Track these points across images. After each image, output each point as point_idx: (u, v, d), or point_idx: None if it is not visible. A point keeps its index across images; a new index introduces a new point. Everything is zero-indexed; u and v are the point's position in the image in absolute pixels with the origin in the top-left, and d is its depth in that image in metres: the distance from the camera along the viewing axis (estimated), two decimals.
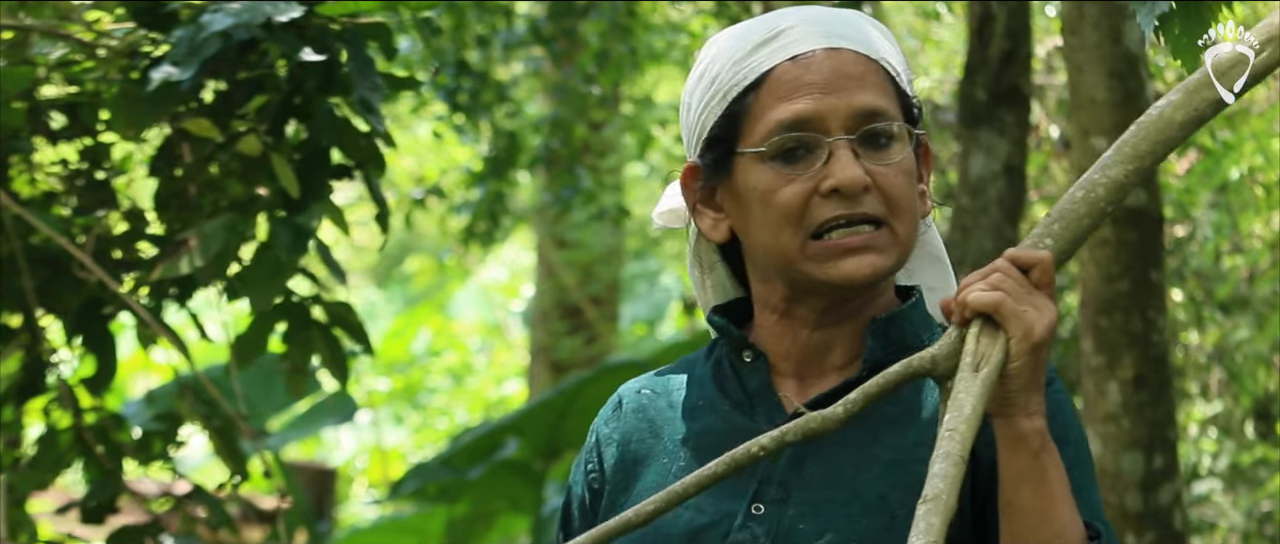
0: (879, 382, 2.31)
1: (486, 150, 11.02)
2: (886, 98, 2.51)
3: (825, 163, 2.47)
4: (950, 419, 2.25)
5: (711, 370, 2.60)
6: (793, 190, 2.48)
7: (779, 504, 2.48)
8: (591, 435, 2.65)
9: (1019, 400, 2.34)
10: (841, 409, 2.29)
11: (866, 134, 2.48)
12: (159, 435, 4.68)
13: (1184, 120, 2.39)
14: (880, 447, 2.48)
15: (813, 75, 2.49)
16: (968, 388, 2.28)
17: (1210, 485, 9.92)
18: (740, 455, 2.27)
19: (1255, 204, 9.26)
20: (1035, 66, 9.14)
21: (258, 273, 4.34)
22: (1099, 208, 2.38)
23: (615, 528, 2.28)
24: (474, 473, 10.52)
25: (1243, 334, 9.75)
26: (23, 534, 4.59)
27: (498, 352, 20.93)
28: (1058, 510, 2.34)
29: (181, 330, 4.80)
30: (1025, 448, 2.35)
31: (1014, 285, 2.34)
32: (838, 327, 2.54)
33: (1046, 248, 2.37)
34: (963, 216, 7.50)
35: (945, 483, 2.19)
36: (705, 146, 2.55)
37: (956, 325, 2.35)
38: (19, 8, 4.45)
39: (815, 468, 2.48)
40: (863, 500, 2.45)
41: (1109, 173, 2.38)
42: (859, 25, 2.55)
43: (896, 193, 2.49)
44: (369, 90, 4.17)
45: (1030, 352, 2.32)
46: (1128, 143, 2.38)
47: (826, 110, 2.48)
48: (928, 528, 2.16)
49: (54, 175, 4.55)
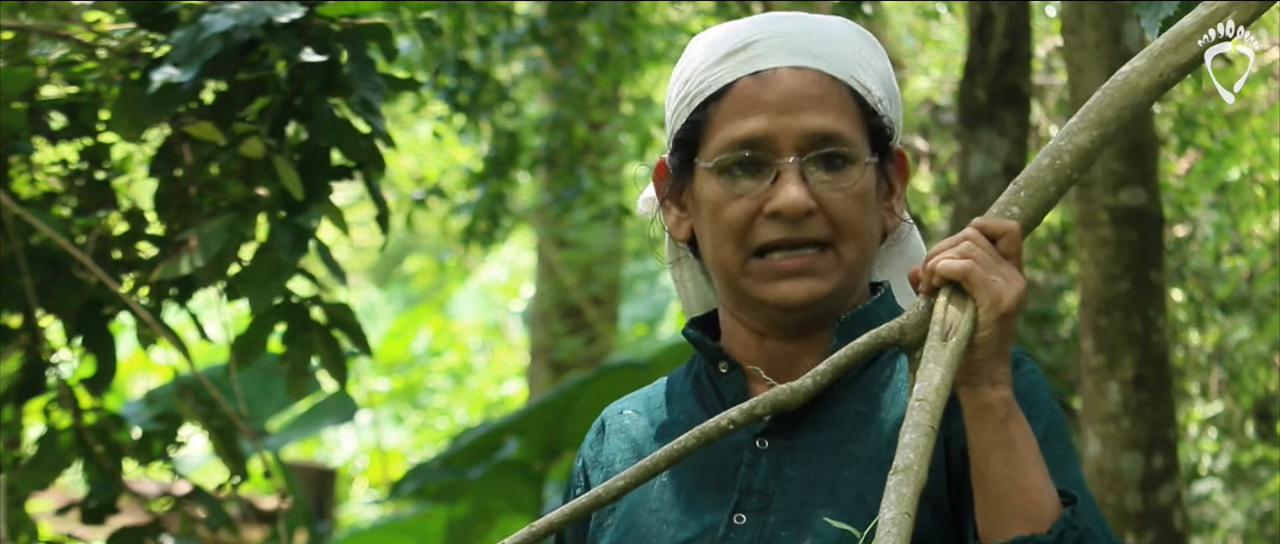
0: (847, 353, 2.30)
1: (487, 150, 11.03)
2: (846, 120, 2.50)
3: (772, 183, 2.48)
4: (919, 388, 2.24)
5: (691, 385, 2.61)
6: (738, 208, 2.50)
7: (760, 513, 2.48)
8: (578, 460, 2.67)
9: (985, 370, 2.33)
10: (810, 381, 2.29)
11: (817, 157, 2.49)
12: (159, 436, 4.68)
13: (1149, 86, 2.38)
14: (856, 445, 2.48)
15: (770, 94, 2.50)
16: (936, 357, 2.28)
17: (1210, 485, 9.92)
18: (710, 429, 2.26)
19: (1255, 204, 9.26)
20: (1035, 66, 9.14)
21: (257, 273, 4.34)
22: (1065, 175, 2.37)
23: (586, 503, 2.25)
24: (474, 473, 10.52)
25: (1243, 334, 9.75)
26: (23, 534, 4.59)
27: (498, 352, 20.93)
28: (1028, 478, 2.34)
29: (181, 330, 4.80)
30: (991, 416, 2.34)
31: (982, 254, 2.33)
32: (804, 337, 2.55)
33: (1013, 217, 2.36)
34: (963, 216, 7.50)
35: (915, 454, 2.18)
36: (673, 147, 2.58)
37: (924, 294, 2.35)
38: (19, 8, 4.45)
39: (794, 472, 2.49)
40: (841, 503, 2.45)
41: (1075, 140, 2.37)
42: (839, 41, 2.55)
43: (845, 216, 2.49)
44: (369, 91, 4.17)
45: (998, 321, 2.32)
46: (1093, 109, 2.38)
47: (778, 131, 2.49)
48: (899, 498, 2.15)
49: (54, 175, 4.55)
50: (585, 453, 2.66)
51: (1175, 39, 2.37)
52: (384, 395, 19.96)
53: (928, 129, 10.91)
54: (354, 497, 19.35)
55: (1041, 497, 2.34)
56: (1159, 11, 2.47)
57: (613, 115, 11.69)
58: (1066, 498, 2.36)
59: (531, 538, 2.23)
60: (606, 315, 14.58)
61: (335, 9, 4.20)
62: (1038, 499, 2.33)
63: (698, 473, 2.51)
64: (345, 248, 17.02)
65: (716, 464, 2.51)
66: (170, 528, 4.71)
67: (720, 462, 2.51)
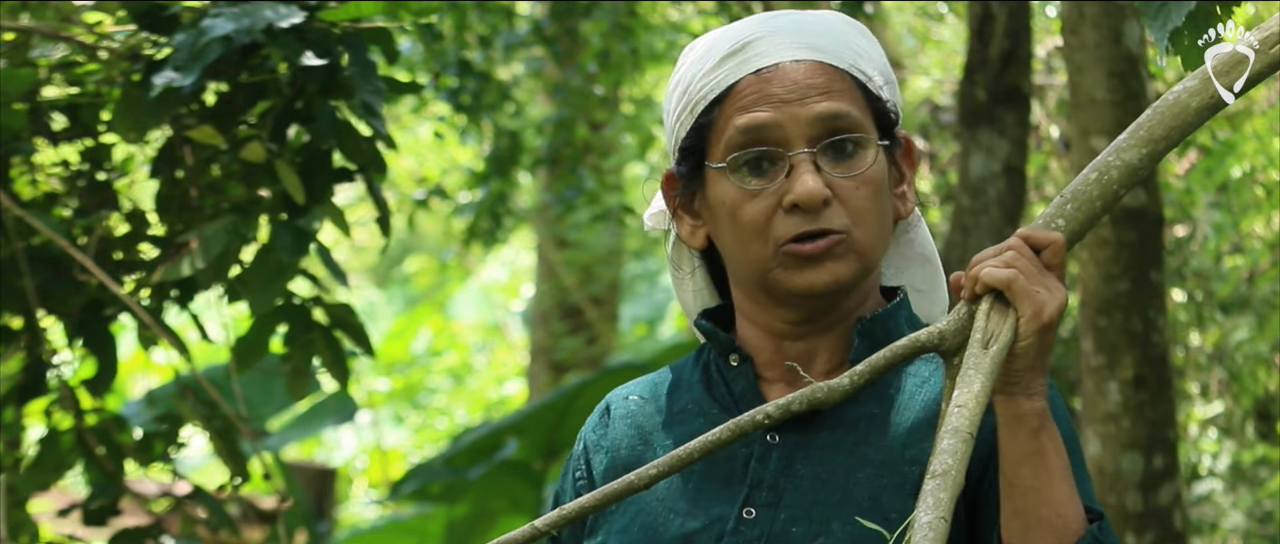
0: (886, 355, 2.31)
1: (488, 150, 11.03)
2: (852, 105, 2.51)
3: (787, 176, 2.49)
4: (959, 395, 2.25)
5: (700, 375, 2.61)
6: (756, 206, 2.50)
7: (770, 508, 2.48)
8: (579, 443, 2.65)
9: (1024, 380, 2.34)
10: (847, 381, 2.29)
11: (829, 145, 2.49)
12: (160, 437, 4.69)
13: (1199, 107, 2.39)
14: (870, 448, 2.48)
15: (775, 87, 2.50)
16: (977, 364, 2.28)
17: (1210, 485, 9.92)
18: (744, 422, 2.27)
19: (1256, 204, 9.26)
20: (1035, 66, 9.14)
21: (258, 275, 4.34)
22: (1112, 190, 2.37)
23: (618, 489, 2.27)
24: (474, 473, 10.53)
25: (1243, 334, 9.75)
26: (24, 536, 4.59)
27: (498, 352, 20.93)
28: (1056, 490, 2.35)
29: (182, 331, 4.80)
30: (1025, 427, 2.35)
31: (1027, 264, 2.34)
32: (820, 335, 2.55)
33: (1058, 229, 2.37)
34: (963, 216, 7.50)
35: (954, 459, 2.19)
36: (680, 156, 2.57)
37: (966, 301, 2.36)
38: (21, 9, 4.45)
39: (805, 470, 2.49)
40: (855, 502, 2.45)
41: (1124, 156, 2.37)
42: (833, 32, 2.56)
43: (860, 202, 2.49)
44: (371, 94, 4.17)
45: (1039, 331, 2.32)
46: (1143, 126, 2.38)
47: (786, 120, 2.49)
48: (936, 502, 2.15)
49: (55, 177, 4.55)
50: (587, 436, 2.64)
51: (1227, 62, 2.38)
52: (384, 395, 19.96)
53: (928, 129, 10.91)
54: (354, 497, 19.35)
55: (1068, 510, 2.35)
56: (1167, 22, 2.46)
57: (614, 115, 11.69)
58: (1092, 514, 2.37)
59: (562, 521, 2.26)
60: (606, 315, 14.58)
61: (336, 13, 4.20)
62: (1065, 512, 2.35)
63: (705, 463, 2.49)
64: (345, 248, 17.02)
65: (725, 454, 2.50)
66: (171, 529, 4.71)
67: (729, 453, 2.50)
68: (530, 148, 11.17)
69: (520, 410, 11.59)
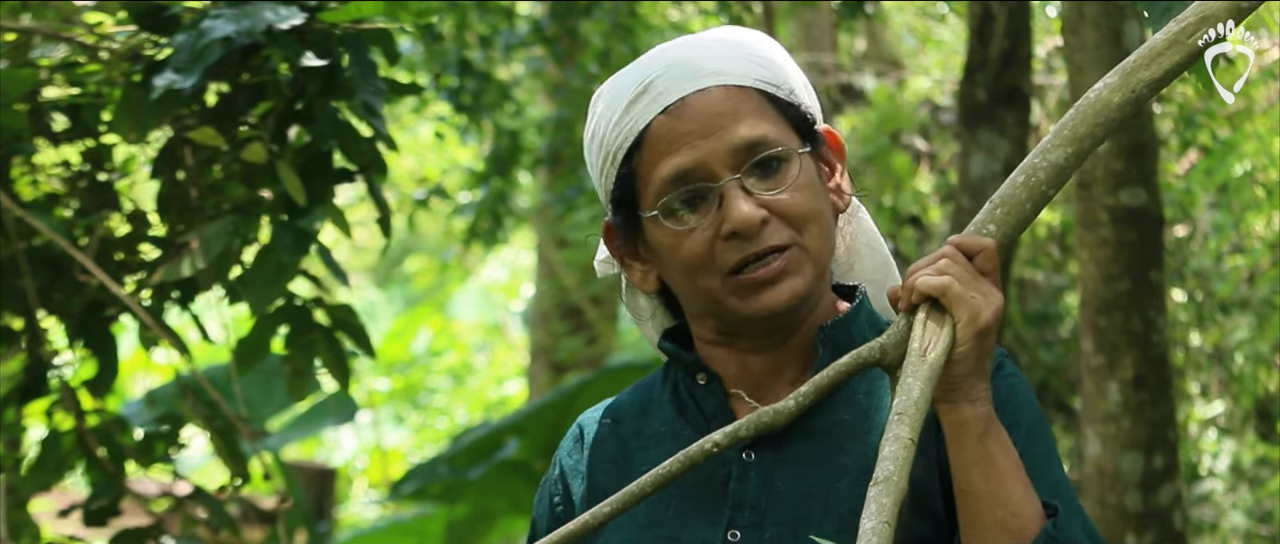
0: (830, 373, 2.32)
1: (488, 150, 11.03)
2: (766, 121, 2.52)
3: (719, 207, 2.49)
4: (899, 402, 2.27)
5: (670, 394, 2.61)
6: (695, 241, 2.50)
7: (754, 528, 2.48)
8: (555, 467, 2.66)
9: (964, 386, 2.36)
10: (793, 402, 2.31)
11: (753, 165, 2.50)
12: (161, 437, 4.69)
13: (1121, 102, 2.40)
14: (846, 456, 2.49)
15: (686, 124, 2.51)
16: (916, 371, 2.30)
17: (1210, 485, 9.93)
18: (694, 453, 2.28)
19: (1256, 204, 9.27)
20: (1035, 66, 9.15)
21: (259, 276, 4.34)
22: (1041, 191, 2.39)
23: (575, 530, 2.28)
24: (475, 473, 10.53)
25: (1243, 334, 9.76)
26: (25, 536, 4.59)
27: (498, 352, 20.94)
28: (1008, 492, 2.36)
29: (182, 331, 4.80)
30: (970, 433, 2.36)
31: (961, 271, 2.36)
32: (782, 348, 2.56)
33: (989, 234, 2.39)
34: (962, 216, 7.51)
35: (895, 465, 2.21)
36: (613, 208, 2.58)
37: (903, 311, 2.37)
38: (21, 10, 4.45)
39: (785, 485, 2.49)
40: (836, 516, 2.46)
41: (1049, 157, 2.39)
42: (729, 51, 2.56)
43: (798, 212, 2.50)
44: (371, 95, 4.18)
45: (976, 337, 2.34)
46: (1067, 126, 2.40)
47: (706, 156, 2.50)
48: (878, 508, 2.17)
49: (56, 177, 4.56)
50: (563, 461, 2.65)
51: (1147, 55, 2.40)
52: (384, 395, 19.97)
53: (928, 129, 10.92)
54: (354, 497, 19.36)
55: (1023, 510, 2.36)
56: (1165, 14, 2.47)
57: None
58: (1049, 509, 2.38)
59: None
60: (606, 315, 14.59)
61: (337, 14, 4.20)
62: (1019, 512, 2.36)
63: (685, 486, 2.51)
64: (346, 248, 17.02)
65: (703, 476, 2.51)
66: (171, 529, 4.71)
67: (707, 474, 2.51)
68: (530, 148, 11.17)
69: (520, 410, 11.59)
